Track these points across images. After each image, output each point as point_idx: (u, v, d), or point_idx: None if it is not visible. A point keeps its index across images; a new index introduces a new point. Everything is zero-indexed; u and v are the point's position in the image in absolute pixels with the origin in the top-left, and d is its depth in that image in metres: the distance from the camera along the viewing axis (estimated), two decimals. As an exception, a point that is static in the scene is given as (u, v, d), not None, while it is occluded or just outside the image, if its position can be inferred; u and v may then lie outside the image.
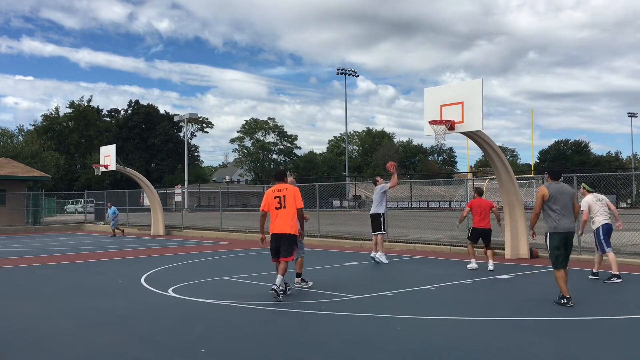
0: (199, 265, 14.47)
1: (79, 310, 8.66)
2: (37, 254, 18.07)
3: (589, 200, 10.96)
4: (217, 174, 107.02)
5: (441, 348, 6.16)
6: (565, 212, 8.54)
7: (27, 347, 6.50)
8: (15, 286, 11.34)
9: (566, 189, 8.70)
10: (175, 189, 50.30)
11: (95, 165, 28.68)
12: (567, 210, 8.56)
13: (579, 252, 14.56)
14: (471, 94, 13.02)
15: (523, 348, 6.12)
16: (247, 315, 8.06)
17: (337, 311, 8.14)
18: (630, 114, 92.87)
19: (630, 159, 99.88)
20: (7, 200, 33.72)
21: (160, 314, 8.23)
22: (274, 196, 9.33)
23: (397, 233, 20.01)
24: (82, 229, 33.77)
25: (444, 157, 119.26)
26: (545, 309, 8.18)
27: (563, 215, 8.52)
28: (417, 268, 13.37)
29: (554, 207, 8.54)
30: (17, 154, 53.54)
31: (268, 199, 9.38)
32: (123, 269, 13.76)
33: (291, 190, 9.32)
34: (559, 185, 8.75)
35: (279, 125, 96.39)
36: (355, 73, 79.43)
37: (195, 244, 21.74)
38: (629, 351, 6.07)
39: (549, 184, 8.82)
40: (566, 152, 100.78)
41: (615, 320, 7.48)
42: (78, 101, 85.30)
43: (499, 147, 14.75)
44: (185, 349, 6.25)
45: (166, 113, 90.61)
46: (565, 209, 8.55)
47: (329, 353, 6.03)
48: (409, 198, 48.63)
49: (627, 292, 9.67)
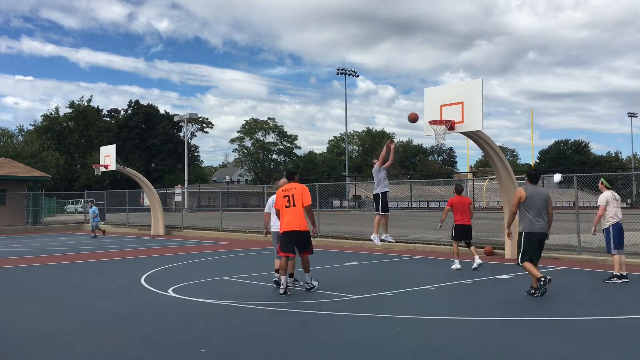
0: (199, 265, 14.47)
1: (79, 310, 8.66)
2: (37, 254, 18.06)
3: (607, 196, 10.62)
4: (217, 174, 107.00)
5: (441, 348, 6.17)
6: (540, 214, 9.08)
7: (27, 347, 6.50)
8: (15, 286, 11.34)
9: (542, 193, 9.23)
10: (175, 189, 50.33)
11: (95, 165, 28.66)
12: (542, 213, 9.09)
13: (579, 252, 14.57)
14: (471, 94, 13.02)
15: (523, 348, 6.12)
16: (247, 315, 8.06)
17: (337, 311, 8.14)
18: (630, 114, 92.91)
19: (630, 159, 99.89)
20: (7, 200, 33.72)
21: (160, 314, 8.23)
22: (283, 195, 9.67)
23: (397, 233, 19.96)
24: (82, 229, 33.75)
25: (444, 157, 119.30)
26: (545, 309, 8.18)
27: (538, 217, 9.07)
28: (417, 268, 13.37)
29: (529, 209, 9.09)
30: (17, 154, 53.55)
31: (278, 198, 9.76)
32: (123, 269, 13.75)
33: (299, 188, 9.64)
34: (536, 188, 9.30)
35: (279, 125, 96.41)
36: (355, 73, 79.45)
37: (195, 244, 21.74)
38: (628, 351, 6.07)
39: (527, 187, 9.31)
40: (566, 152, 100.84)
41: (615, 320, 7.48)
42: (78, 101, 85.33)
43: (499, 147, 14.75)
44: (185, 349, 6.25)
45: (166, 113, 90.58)
46: (540, 211, 9.08)
47: (328, 353, 6.03)
48: (409, 198, 48.61)
49: (627, 292, 9.66)
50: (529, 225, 9.08)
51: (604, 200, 10.64)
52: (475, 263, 12.41)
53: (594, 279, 11.17)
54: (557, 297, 9.17)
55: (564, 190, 57.40)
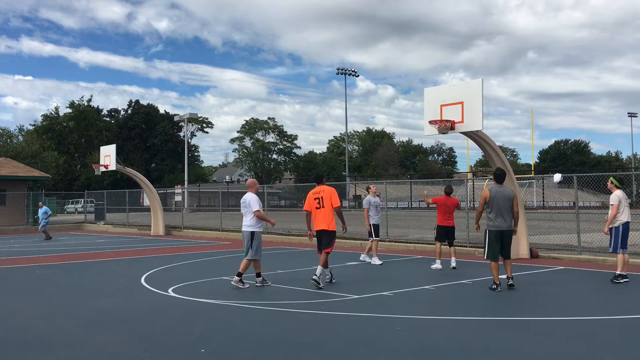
0: (199, 265, 14.46)
1: (79, 310, 8.66)
2: (37, 254, 18.07)
3: (620, 195, 10.53)
4: (217, 174, 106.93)
5: (441, 348, 6.17)
6: (502, 212, 9.75)
7: (27, 347, 6.50)
8: (15, 286, 11.34)
9: (506, 192, 9.88)
10: (175, 189, 50.27)
11: (95, 165, 28.64)
12: (504, 211, 9.76)
13: (579, 252, 14.57)
14: (471, 93, 13.02)
15: (523, 348, 6.12)
16: (247, 315, 8.06)
17: (337, 311, 8.14)
18: (630, 113, 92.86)
19: (630, 159, 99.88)
20: (7, 200, 33.72)
21: (160, 314, 8.23)
22: (313, 197, 10.43)
23: (397, 233, 20.00)
24: (82, 229, 33.76)
25: (444, 157, 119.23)
26: (545, 309, 8.18)
27: (499, 215, 9.76)
28: (417, 268, 13.37)
29: (492, 208, 9.81)
30: (17, 154, 53.48)
31: (309, 201, 10.48)
32: (123, 269, 13.75)
33: (328, 191, 10.38)
34: (499, 188, 9.95)
35: (278, 125, 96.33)
36: (356, 73, 79.35)
37: (195, 244, 21.74)
38: (628, 351, 6.07)
39: (492, 187, 10.00)
40: (566, 152, 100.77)
41: (615, 320, 7.48)
42: (78, 101, 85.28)
43: (498, 147, 14.75)
44: (185, 349, 6.26)
45: (166, 113, 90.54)
46: (501, 209, 9.75)
47: (329, 353, 6.03)
48: (409, 198, 48.60)
49: (627, 292, 9.66)
50: (491, 223, 9.83)
51: (617, 199, 10.54)
52: (453, 262, 12.80)
53: (594, 279, 11.17)
54: (557, 297, 9.18)
55: (564, 190, 57.39)
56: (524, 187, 54.30)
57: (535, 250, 14.83)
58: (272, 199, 58.66)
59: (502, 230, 9.78)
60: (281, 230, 23.02)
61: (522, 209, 15.06)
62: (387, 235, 18.81)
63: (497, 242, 9.79)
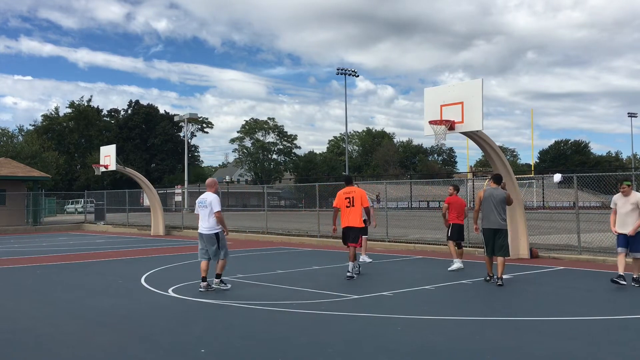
0: (199, 265, 14.43)
1: (79, 310, 8.66)
2: (37, 254, 18.06)
3: None
4: (217, 174, 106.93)
5: (441, 348, 6.17)
6: (492, 212, 10.41)
7: (27, 347, 6.50)
8: (15, 286, 11.34)
9: (497, 193, 10.53)
10: (175, 189, 50.28)
11: (95, 165, 28.65)
12: (494, 211, 10.40)
13: (579, 252, 14.57)
14: (471, 94, 13.02)
15: (523, 348, 6.12)
16: (247, 315, 8.06)
17: (337, 311, 8.14)
18: (630, 114, 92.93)
19: (630, 159, 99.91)
20: (7, 200, 33.71)
21: (160, 314, 8.23)
22: (344, 197, 11.34)
23: (397, 233, 20.00)
24: (82, 229, 33.75)
25: (444, 157, 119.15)
26: (545, 309, 8.18)
27: (489, 215, 10.46)
28: (417, 268, 13.36)
29: (484, 208, 10.56)
30: (17, 154, 53.51)
31: (340, 199, 11.38)
32: (123, 269, 13.75)
33: (358, 192, 11.34)
34: (493, 189, 10.61)
35: (278, 125, 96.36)
36: (355, 73, 79.23)
37: (195, 244, 21.62)
38: (628, 351, 6.07)
39: (487, 188, 10.71)
40: (566, 152, 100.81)
41: (615, 320, 7.48)
42: (78, 101, 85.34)
43: (498, 147, 14.76)
44: (185, 349, 6.26)
45: (166, 113, 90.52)
46: (492, 210, 10.42)
47: (329, 353, 6.03)
48: (409, 198, 48.63)
49: (627, 292, 9.66)
50: (484, 222, 10.58)
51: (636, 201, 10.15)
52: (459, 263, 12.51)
53: (594, 279, 11.17)
54: (557, 297, 9.19)
55: (564, 190, 57.39)
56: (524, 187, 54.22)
57: (535, 251, 14.82)
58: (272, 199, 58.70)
59: (492, 228, 10.46)
60: (281, 231, 23.03)
61: (521, 209, 15.07)
62: (387, 235, 18.82)
63: (490, 239, 10.51)
